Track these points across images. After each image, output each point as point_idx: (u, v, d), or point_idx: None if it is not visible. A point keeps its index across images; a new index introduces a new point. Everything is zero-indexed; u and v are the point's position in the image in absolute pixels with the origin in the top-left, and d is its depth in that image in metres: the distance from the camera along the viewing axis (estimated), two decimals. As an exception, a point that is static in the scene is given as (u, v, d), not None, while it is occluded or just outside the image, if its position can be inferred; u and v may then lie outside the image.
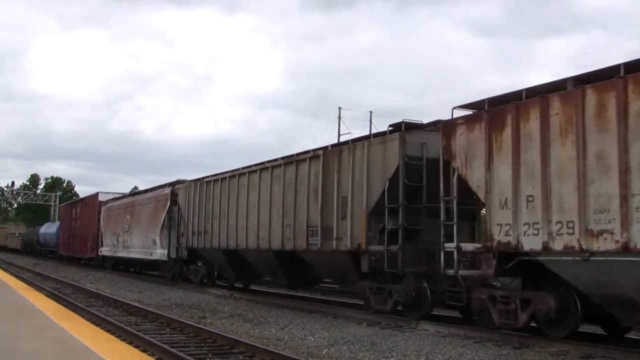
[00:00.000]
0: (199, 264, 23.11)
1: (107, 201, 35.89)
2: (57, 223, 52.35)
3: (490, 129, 11.17)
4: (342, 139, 38.29)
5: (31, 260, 48.87)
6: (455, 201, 11.93)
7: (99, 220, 36.10)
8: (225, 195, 20.19)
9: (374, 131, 17.65)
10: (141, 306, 16.05)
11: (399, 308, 13.67)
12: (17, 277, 25.81)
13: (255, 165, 18.80)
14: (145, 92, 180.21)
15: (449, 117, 12.34)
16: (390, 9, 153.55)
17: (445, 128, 12.30)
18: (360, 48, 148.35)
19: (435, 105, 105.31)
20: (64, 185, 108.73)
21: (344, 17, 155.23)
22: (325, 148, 15.67)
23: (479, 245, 11.62)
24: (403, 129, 13.41)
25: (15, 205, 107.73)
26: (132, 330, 11.45)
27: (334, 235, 14.68)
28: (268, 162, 18.04)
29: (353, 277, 14.78)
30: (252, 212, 18.44)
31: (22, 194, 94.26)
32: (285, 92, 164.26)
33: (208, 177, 21.83)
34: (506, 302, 10.91)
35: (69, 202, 46.53)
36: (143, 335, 10.85)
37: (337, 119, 52.87)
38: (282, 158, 17.48)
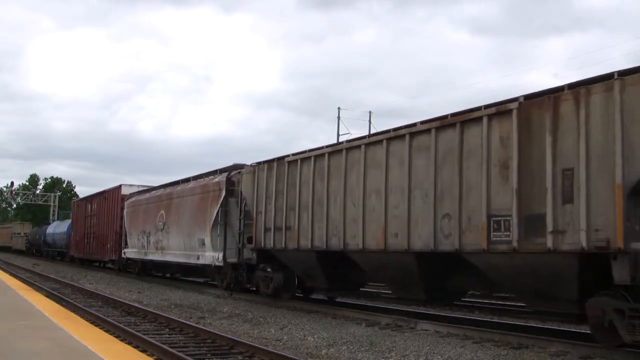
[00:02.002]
0: (269, 269, 17.92)
1: (132, 194, 30.74)
2: (68, 221, 46.74)
3: None
4: (341, 139, 34.61)
5: (30, 260, 47.55)
6: None
7: (121, 217, 30.87)
8: (322, 178, 15.00)
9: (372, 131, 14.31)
10: (140, 306, 15.90)
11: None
12: (16, 277, 25.53)
13: (376, 134, 13.65)
14: (144, 91, 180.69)
15: None
16: (388, 8, 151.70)
17: None
18: (358, 47, 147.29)
19: (435, 104, 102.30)
20: (64, 185, 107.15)
21: (342, 16, 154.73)
22: (517, 100, 10.53)
23: None
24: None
25: (15, 206, 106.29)
26: (132, 331, 11.37)
27: (549, 228, 9.52)
28: (402, 128, 12.90)
29: (573, 292, 9.67)
30: (373, 200, 13.29)
31: (21, 194, 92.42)
32: (284, 91, 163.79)
33: (292, 155, 16.71)
34: None
35: (83, 197, 40.97)
36: (142, 336, 10.79)
37: (336, 119, 51.12)
38: (429, 121, 12.35)
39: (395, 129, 13.07)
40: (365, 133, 19.16)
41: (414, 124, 12.66)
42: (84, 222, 38.63)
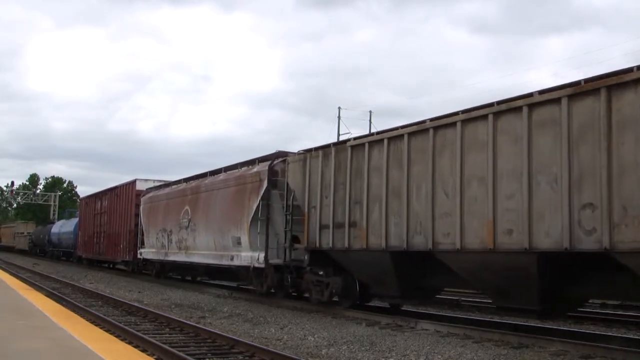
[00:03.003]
0: (320, 272, 15.46)
1: (149, 190, 28.12)
2: (74, 220, 44.10)
3: None
4: (342, 139, 32.44)
5: (31, 260, 46.61)
6: None
7: (137, 214, 28.33)
8: (400, 163, 12.57)
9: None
10: (141, 306, 15.82)
11: None
12: (17, 276, 25.28)
13: (477, 108, 11.20)
14: (143, 91, 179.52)
15: None
16: (388, 7, 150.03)
17: None
18: (358, 47, 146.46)
19: (435, 104, 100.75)
20: (65, 185, 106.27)
21: (340, 15, 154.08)
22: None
23: None
24: None
25: (15, 205, 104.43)
26: (132, 330, 11.29)
27: None
28: (517, 99, 10.42)
29: None
30: (475, 189, 10.87)
31: (21, 193, 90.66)
32: (284, 91, 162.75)
33: (354, 139, 14.25)
34: None
35: (92, 194, 38.38)
36: (142, 335, 10.68)
37: (335, 119, 49.55)
38: (553, 89, 9.90)
39: (505, 101, 10.62)
40: (366, 132, 17.85)
41: (530, 94, 10.23)
42: (92, 220, 36.11)
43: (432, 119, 12.20)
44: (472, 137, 11.03)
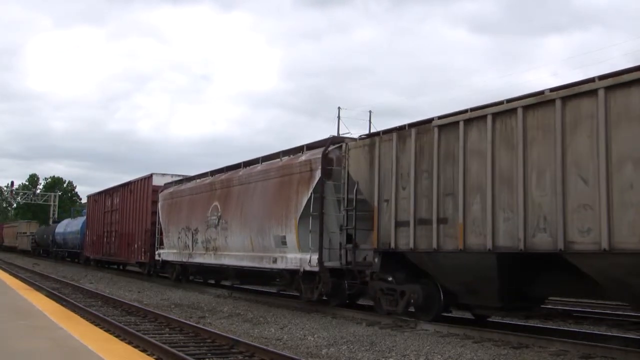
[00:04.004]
0: (389, 278, 13.02)
1: (168, 185, 25.48)
2: (81, 219, 41.50)
3: None
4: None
5: (31, 260, 45.82)
6: None
7: (153, 212, 25.67)
8: (510, 144, 10.15)
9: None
10: (140, 306, 15.75)
11: None
12: (16, 276, 25.20)
13: (627, 71, 8.80)
14: (142, 91, 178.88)
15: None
16: (386, 6, 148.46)
17: None
18: (357, 46, 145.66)
19: (434, 104, 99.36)
20: (64, 185, 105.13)
21: (339, 15, 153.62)
22: None
23: None
24: None
25: (15, 205, 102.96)
26: (132, 330, 11.19)
27: None
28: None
29: None
30: (629, 172, 8.45)
31: (21, 193, 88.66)
32: (283, 91, 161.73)
33: (444, 117, 11.72)
34: None
35: (101, 190, 35.37)
36: (142, 335, 10.61)
37: (334, 118, 48.35)
38: None
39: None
40: (365, 132, 15.90)
41: None
42: (102, 219, 33.41)
43: (554, 89, 9.82)
44: (623, 107, 8.65)
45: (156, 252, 25.16)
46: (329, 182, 14.78)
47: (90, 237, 36.02)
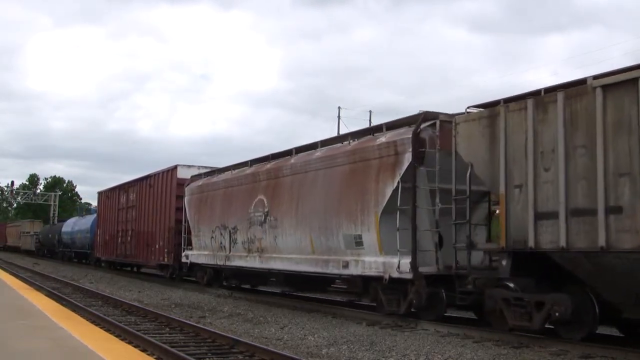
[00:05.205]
0: (511, 285, 10.53)
1: (196, 177, 22.56)
2: (90, 217, 38.77)
3: None
4: None
5: (31, 260, 45.49)
6: None
7: (178, 208, 22.88)
8: None
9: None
10: (141, 306, 15.78)
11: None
12: (17, 276, 25.23)
13: None
14: (142, 90, 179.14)
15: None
16: (386, 5, 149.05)
17: None
18: (357, 46, 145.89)
19: (434, 103, 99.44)
20: (65, 185, 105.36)
21: (339, 14, 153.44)
22: None
23: None
24: None
25: (15, 205, 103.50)
26: (132, 330, 11.23)
27: None
28: None
29: None
30: None
31: (21, 193, 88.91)
32: (283, 90, 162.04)
33: (613, 74, 9.27)
34: None
35: (115, 186, 32.17)
36: (142, 335, 10.64)
37: (334, 118, 49.46)
38: None
39: None
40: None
41: None
42: (116, 216, 30.49)
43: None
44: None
45: (183, 254, 22.27)
46: (422, 168, 12.34)
47: (102, 237, 33.33)
